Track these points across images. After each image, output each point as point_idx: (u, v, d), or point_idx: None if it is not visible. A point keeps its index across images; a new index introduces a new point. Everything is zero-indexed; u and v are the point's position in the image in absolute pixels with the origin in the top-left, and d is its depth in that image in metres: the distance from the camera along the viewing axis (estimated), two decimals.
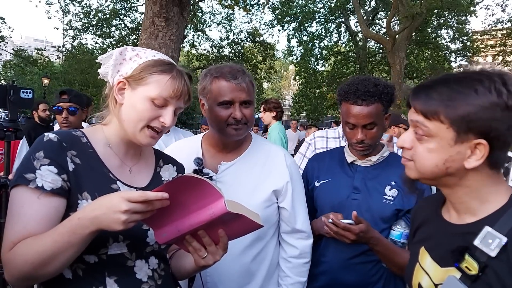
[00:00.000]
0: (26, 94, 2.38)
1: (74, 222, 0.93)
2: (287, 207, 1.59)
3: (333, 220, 1.46)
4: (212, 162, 1.59)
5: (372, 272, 1.63)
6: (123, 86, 1.14)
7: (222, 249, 1.09)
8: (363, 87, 1.57)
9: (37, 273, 0.95)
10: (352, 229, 1.44)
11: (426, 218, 1.12)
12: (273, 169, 1.59)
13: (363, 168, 1.71)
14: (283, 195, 1.58)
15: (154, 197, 0.91)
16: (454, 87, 0.90)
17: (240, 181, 1.55)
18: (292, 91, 43.01)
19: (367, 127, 1.59)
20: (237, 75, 1.48)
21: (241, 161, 1.59)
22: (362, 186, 1.67)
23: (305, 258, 1.64)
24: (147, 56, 1.15)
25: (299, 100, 24.61)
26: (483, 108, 0.86)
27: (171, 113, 1.13)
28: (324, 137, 2.43)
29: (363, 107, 1.56)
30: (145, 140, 1.13)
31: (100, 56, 1.19)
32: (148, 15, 5.16)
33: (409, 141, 0.98)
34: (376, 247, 1.51)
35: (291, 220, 1.61)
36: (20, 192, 1.00)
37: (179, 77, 1.14)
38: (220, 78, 1.48)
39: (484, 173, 0.92)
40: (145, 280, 1.11)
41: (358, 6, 16.76)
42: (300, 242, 1.63)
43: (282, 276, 1.64)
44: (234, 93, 1.46)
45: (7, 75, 26.62)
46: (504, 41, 19.10)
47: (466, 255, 0.88)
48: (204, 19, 20.77)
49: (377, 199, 1.63)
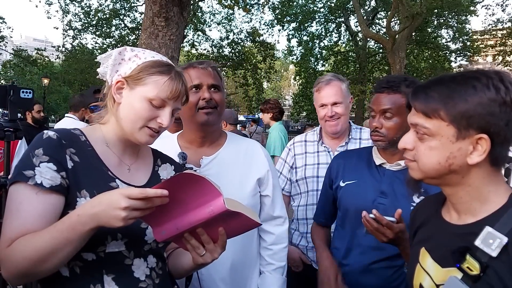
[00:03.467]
0: (26, 94, 2.39)
1: (73, 219, 0.93)
2: (269, 194, 1.67)
3: (375, 215, 1.39)
4: (193, 158, 1.61)
5: (393, 277, 1.60)
6: (121, 86, 1.14)
7: (221, 247, 1.10)
8: (392, 78, 1.62)
9: (35, 270, 0.95)
10: (394, 227, 1.38)
11: (427, 219, 1.12)
12: (254, 159, 1.66)
13: (392, 172, 1.66)
14: (265, 183, 1.66)
15: (153, 194, 0.91)
16: (452, 85, 0.92)
17: (225, 173, 1.59)
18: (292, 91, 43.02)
19: (384, 115, 1.59)
20: (203, 62, 1.60)
21: (222, 154, 1.63)
22: (389, 190, 1.63)
23: (283, 243, 1.71)
24: (146, 57, 1.16)
25: (299, 100, 24.57)
26: (482, 104, 0.87)
27: (168, 113, 1.14)
28: (303, 141, 2.41)
29: (384, 95, 1.60)
30: (143, 138, 1.14)
31: (99, 56, 1.20)
32: (148, 15, 5.15)
33: (410, 142, 0.99)
34: (407, 249, 1.44)
35: (270, 207, 1.69)
36: (18, 189, 1.00)
37: (177, 78, 1.15)
38: (189, 67, 1.59)
39: (486, 170, 0.93)
40: (142, 279, 1.11)
41: (358, 6, 16.76)
42: (277, 228, 1.71)
43: (264, 264, 1.69)
44: (201, 78, 1.56)
45: (7, 75, 26.64)
46: (504, 41, 19.10)
47: (467, 255, 0.88)
48: (204, 19, 20.76)
49: (405, 206, 1.56)
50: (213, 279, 1.55)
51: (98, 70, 1.20)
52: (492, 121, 0.87)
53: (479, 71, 0.93)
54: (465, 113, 0.89)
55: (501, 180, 0.95)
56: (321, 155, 2.31)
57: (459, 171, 0.93)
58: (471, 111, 0.88)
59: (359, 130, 2.34)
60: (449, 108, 0.90)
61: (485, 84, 0.89)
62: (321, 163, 2.26)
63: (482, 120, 0.88)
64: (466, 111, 0.89)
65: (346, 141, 2.28)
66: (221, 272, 1.55)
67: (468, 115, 0.88)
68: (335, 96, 2.22)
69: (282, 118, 5.13)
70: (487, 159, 0.91)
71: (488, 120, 0.87)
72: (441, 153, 0.93)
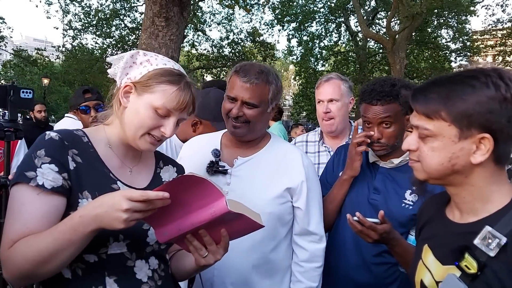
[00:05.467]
0: (26, 94, 2.38)
1: (75, 220, 0.93)
2: (301, 206, 1.58)
3: (359, 218, 1.42)
4: (229, 156, 1.61)
5: (387, 273, 1.62)
6: (129, 90, 1.14)
7: (223, 248, 1.09)
8: (379, 87, 1.59)
9: (37, 271, 0.95)
10: (378, 228, 1.41)
11: (431, 217, 1.13)
12: (289, 168, 1.58)
13: (385, 170, 1.69)
14: (298, 194, 1.57)
15: (155, 196, 0.91)
16: (450, 85, 0.93)
17: (255, 176, 1.56)
18: (292, 91, 42.99)
19: (383, 125, 1.60)
20: (249, 73, 1.49)
21: (257, 157, 1.60)
22: (382, 187, 1.66)
23: (317, 262, 1.61)
24: (158, 63, 1.15)
25: (299, 100, 24.60)
26: (481, 102, 0.88)
27: (172, 124, 1.13)
28: (304, 141, 2.44)
29: (378, 106, 1.58)
30: (144, 146, 1.14)
31: (111, 57, 1.20)
32: (148, 15, 5.15)
33: (414, 143, 0.99)
34: (396, 248, 1.49)
35: (304, 220, 1.59)
36: (20, 190, 1.00)
37: (186, 89, 1.13)
38: (235, 73, 1.53)
39: (489, 170, 0.93)
40: (145, 281, 1.11)
41: (358, 6, 16.75)
42: (312, 245, 1.61)
43: (293, 281, 1.62)
44: (239, 91, 1.49)
45: (7, 75, 26.65)
46: (504, 41, 19.10)
47: (466, 254, 0.89)
48: (204, 19, 20.75)
49: (396, 203, 1.61)
50: (223, 282, 1.52)
51: (109, 71, 1.20)
52: (493, 119, 0.87)
53: (477, 69, 0.93)
54: (465, 113, 0.89)
55: (505, 179, 0.95)
56: (322, 155, 2.32)
57: (462, 171, 0.93)
58: (470, 110, 0.88)
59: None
60: (449, 108, 0.90)
61: (484, 82, 0.89)
62: (321, 163, 2.27)
63: (482, 119, 0.88)
64: (466, 110, 0.89)
65: (347, 141, 2.29)
66: (234, 275, 1.52)
67: (467, 114, 0.89)
68: (332, 93, 2.24)
69: (281, 117, 5.15)
70: (491, 158, 0.91)
71: (489, 118, 0.88)
72: (443, 153, 0.93)
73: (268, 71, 1.53)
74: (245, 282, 1.53)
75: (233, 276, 1.52)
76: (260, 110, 1.52)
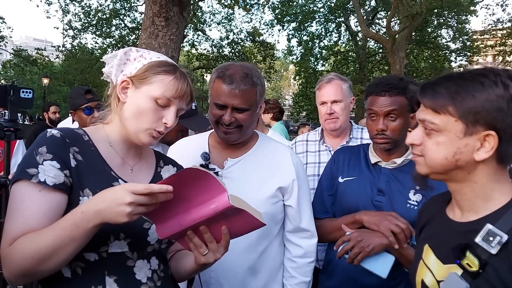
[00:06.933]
0: (26, 94, 2.38)
1: (77, 216, 0.92)
2: (292, 204, 1.59)
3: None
4: (219, 158, 1.60)
5: (392, 275, 1.59)
6: (126, 85, 1.14)
7: (224, 247, 1.08)
8: (386, 80, 1.61)
9: (37, 269, 0.94)
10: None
11: (432, 217, 1.14)
12: (280, 167, 1.59)
13: (388, 170, 1.68)
14: (289, 193, 1.59)
15: (158, 189, 0.91)
16: (460, 81, 0.93)
17: (246, 177, 1.56)
18: (292, 91, 43.02)
19: (388, 117, 1.59)
20: (235, 79, 1.46)
21: (247, 158, 1.60)
22: (387, 188, 1.65)
23: (309, 258, 1.64)
24: (151, 57, 1.17)
25: (299, 100, 24.59)
26: (490, 100, 0.88)
27: (173, 113, 1.14)
28: (305, 141, 2.43)
29: (386, 98, 1.58)
30: (146, 139, 1.14)
31: (104, 56, 1.20)
32: (148, 14, 5.15)
33: (418, 137, 1.00)
34: (401, 249, 1.49)
35: (296, 218, 1.61)
36: (21, 187, 0.99)
37: (182, 77, 1.15)
38: (220, 79, 1.49)
39: (492, 167, 0.93)
40: (144, 281, 1.10)
41: (358, 6, 16.74)
42: (304, 242, 1.63)
43: (286, 276, 1.63)
44: (227, 98, 1.46)
45: (7, 75, 26.67)
46: (504, 41, 19.12)
47: (467, 252, 0.90)
48: (204, 19, 20.79)
49: (401, 203, 1.60)
50: (220, 283, 1.52)
51: (103, 70, 1.20)
52: (500, 117, 0.88)
53: (487, 68, 0.94)
54: (473, 109, 0.89)
55: (506, 178, 0.96)
56: (322, 154, 2.32)
57: (466, 167, 0.94)
58: (478, 107, 0.89)
59: (360, 130, 2.35)
60: (457, 103, 0.91)
61: (493, 81, 0.89)
62: (322, 162, 2.27)
63: (489, 116, 0.89)
64: (474, 107, 0.89)
65: (347, 141, 2.30)
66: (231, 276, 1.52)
67: (475, 111, 0.89)
68: (335, 94, 2.24)
69: (282, 117, 5.14)
70: (494, 156, 0.91)
71: (496, 116, 0.88)
72: (448, 148, 0.94)
73: (251, 72, 1.50)
74: (242, 282, 1.54)
75: (230, 278, 1.52)
76: (251, 112, 1.52)
